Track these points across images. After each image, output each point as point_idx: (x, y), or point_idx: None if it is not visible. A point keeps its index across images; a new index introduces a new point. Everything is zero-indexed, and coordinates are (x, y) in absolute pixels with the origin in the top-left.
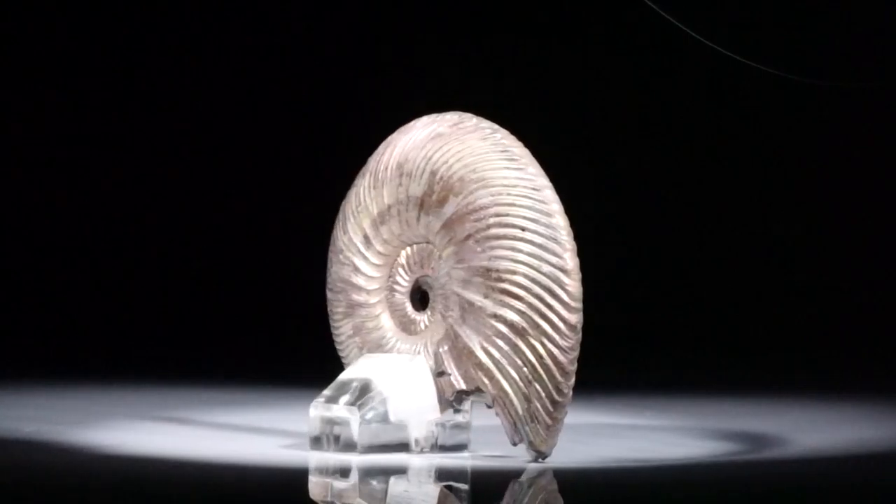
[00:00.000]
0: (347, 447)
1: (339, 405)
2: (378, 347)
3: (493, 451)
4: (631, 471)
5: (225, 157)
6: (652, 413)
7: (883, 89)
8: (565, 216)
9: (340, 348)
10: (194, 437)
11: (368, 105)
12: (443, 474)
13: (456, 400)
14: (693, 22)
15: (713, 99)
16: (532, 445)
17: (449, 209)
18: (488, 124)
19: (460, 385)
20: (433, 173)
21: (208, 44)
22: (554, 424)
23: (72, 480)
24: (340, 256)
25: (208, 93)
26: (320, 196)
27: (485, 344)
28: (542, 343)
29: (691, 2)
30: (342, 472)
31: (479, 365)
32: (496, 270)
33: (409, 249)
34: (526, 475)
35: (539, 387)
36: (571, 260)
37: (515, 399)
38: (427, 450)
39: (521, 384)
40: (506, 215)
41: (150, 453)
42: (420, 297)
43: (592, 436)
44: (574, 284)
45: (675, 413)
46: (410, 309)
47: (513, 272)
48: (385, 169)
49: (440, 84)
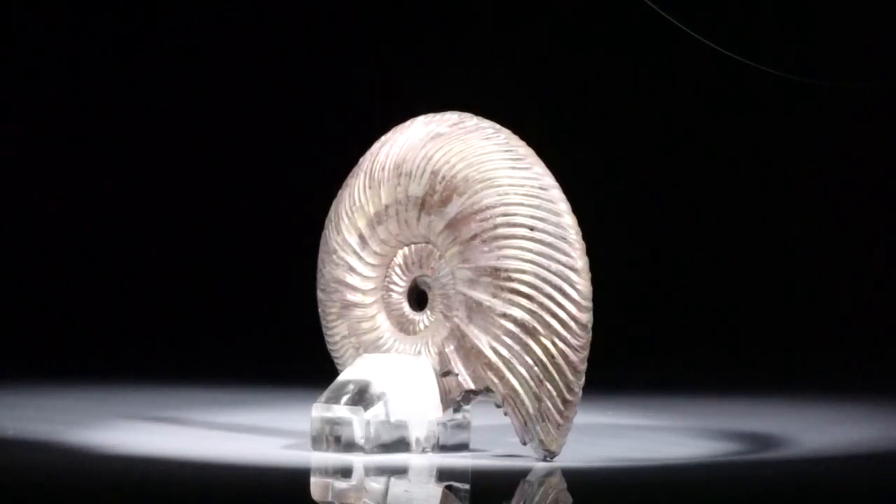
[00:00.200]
0: (349, 447)
1: (341, 405)
2: (375, 348)
3: (494, 451)
4: (633, 470)
5: (224, 158)
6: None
7: (883, 89)
8: (573, 215)
9: (334, 349)
10: (194, 437)
11: (363, 105)
12: (444, 474)
13: (464, 399)
14: (693, 22)
15: (713, 99)
16: (542, 444)
17: (453, 209)
18: (489, 124)
19: (468, 385)
20: (434, 173)
21: (203, 42)
22: (564, 423)
23: (72, 480)
24: (334, 257)
25: (207, 93)
26: (321, 195)
27: (494, 343)
28: (554, 342)
29: (691, 2)
30: (343, 473)
31: (489, 364)
32: (505, 270)
33: (407, 249)
34: (533, 474)
35: (550, 386)
36: (581, 259)
37: (526, 398)
38: (429, 449)
39: (532, 383)
40: (514, 215)
41: (150, 453)
42: (417, 297)
43: (594, 436)
44: (584, 283)
45: (676, 413)
46: (408, 309)
47: (522, 272)
48: (382, 169)
49: (434, 84)
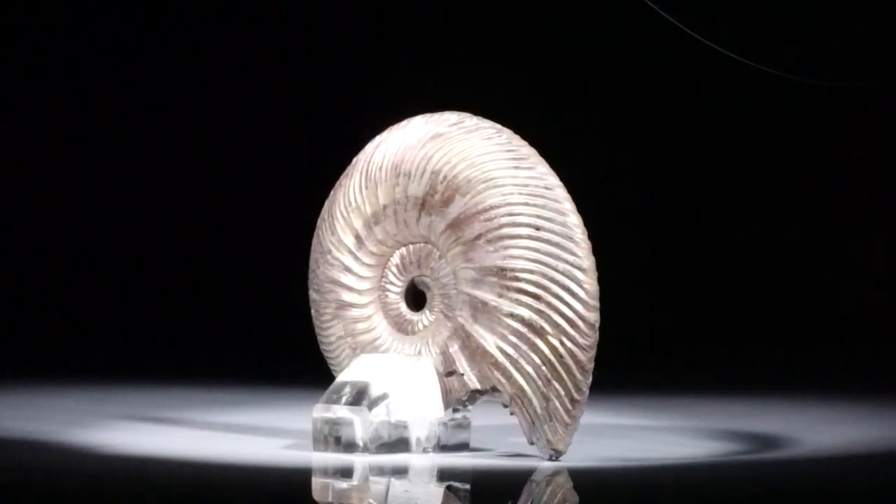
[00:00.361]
0: (350, 447)
1: (341, 405)
2: (373, 348)
3: (495, 451)
4: (634, 470)
5: (224, 158)
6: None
7: (883, 89)
8: (578, 215)
9: (329, 349)
10: (194, 438)
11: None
12: (445, 474)
13: (469, 399)
14: (693, 22)
15: (713, 99)
16: (550, 444)
17: (455, 209)
18: (490, 124)
19: (474, 384)
20: (435, 173)
21: (202, 42)
22: (572, 423)
23: (72, 480)
24: (328, 257)
25: (207, 93)
26: (321, 194)
27: (500, 343)
28: (562, 341)
29: (691, 2)
30: (344, 473)
31: (496, 364)
32: (511, 270)
33: (405, 249)
34: (539, 474)
35: (559, 385)
36: (588, 258)
37: (534, 398)
38: (429, 449)
39: (540, 383)
40: (519, 214)
41: (150, 453)
42: (413, 297)
43: (596, 435)
44: (591, 282)
45: (677, 413)
46: (405, 309)
47: (530, 271)
48: (379, 169)
49: (431, 84)
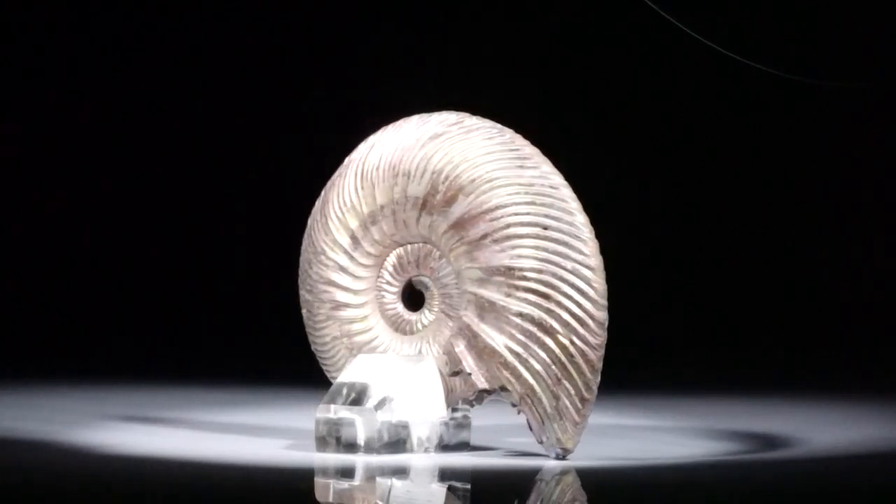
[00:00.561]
0: (351, 448)
1: (343, 406)
2: (370, 348)
3: (495, 451)
4: (635, 470)
5: (224, 158)
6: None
7: (883, 89)
8: (584, 214)
9: (323, 350)
10: (194, 438)
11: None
12: (447, 474)
13: (477, 399)
14: (693, 22)
15: (713, 99)
16: (560, 443)
17: (458, 209)
18: (491, 123)
19: (482, 384)
20: (436, 173)
21: (202, 42)
22: (581, 421)
23: (72, 480)
24: (322, 257)
25: (206, 93)
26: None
27: (509, 343)
28: (572, 340)
29: (691, 2)
30: (346, 473)
31: (505, 364)
32: (520, 269)
33: (402, 249)
34: (545, 473)
35: (569, 384)
36: (595, 257)
37: (544, 397)
38: (431, 449)
39: (550, 382)
40: (526, 214)
41: (150, 453)
42: (409, 297)
43: (597, 435)
44: (600, 281)
45: (677, 413)
46: (402, 309)
47: (538, 271)
48: (375, 169)
49: (426, 84)
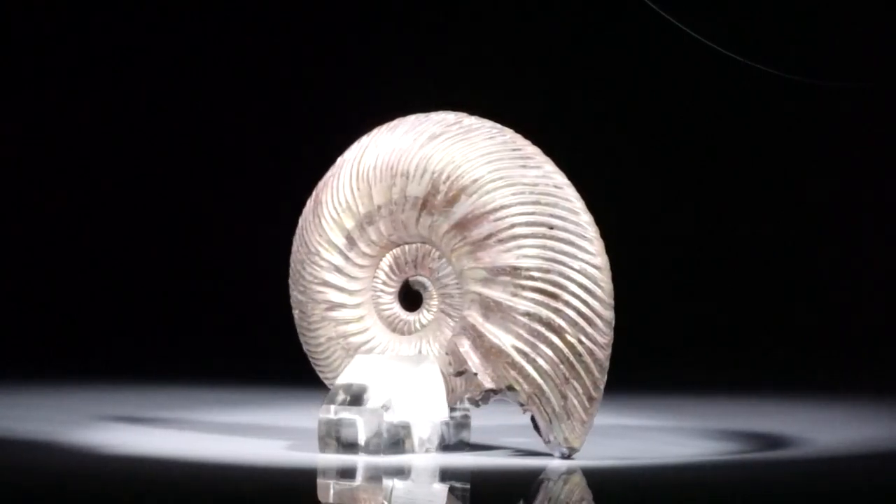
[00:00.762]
0: (353, 448)
1: (344, 406)
2: (367, 349)
3: (495, 450)
4: (637, 470)
5: (224, 157)
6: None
7: (883, 89)
8: (589, 213)
9: (317, 351)
10: (194, 438)
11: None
12: (449, 474)
13: (483, 399)
14: (693, 22)
15: (713, 99)
16: (567, 442)
17: (461, 209)
18: (491, 123)
19: (489, 384)
20: (436, 173)
21: (201, 41)
22: (589, 421)
23: (72, 480)
24: (316, 258)
25: (206, 93)
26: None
27: (516, 343)
28: (580, 340)
29: (691, 2)
30: (347, 474)
31: (512, 364)
32: (526, 269)
33: (399, 250)
34: (551, 473)
35: (577, 383)
36: (602, 256)
37: (553, 397)
38: (432, 449)
39: (559, 381)
40: (531, 214)
41: (150, 453)
42: (405, 297)
43: (599, 435)
44: (607, 281)
45: (678, 413)
46: (399, 309)
47: (545, 270)
48: (372, 169)
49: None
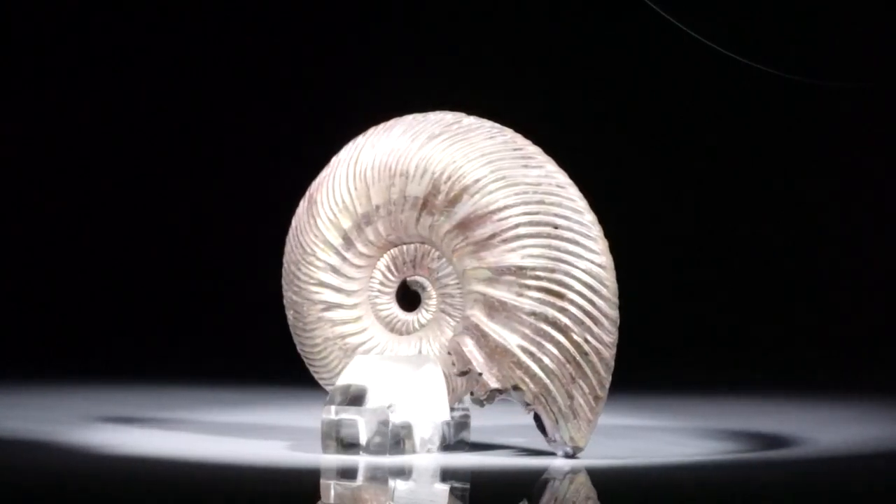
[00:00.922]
0: (355, 449)
1: (346, 407)
2: (365, 349)
3: (498, 450)
4: (638, 470)
5: (225, 157)
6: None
7: (883, 89)
8: (592, 213)
9: (313, 352)
10: (195, 438)
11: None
12: (451, 474)
13: (488, 399)
14: (693, 22)
15: (713, 99)
16: (573, 441)
17: (463, 209)
18: (490, 123)
19: (494, 384)
20: (437, 173)
21: (201, 41)
22: (594, 420)
23: (72, 480)
24: (312, 258)
25: (207, 92)
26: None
27: (522, 342)
28: (587, 340)
29: (691, 2)
30: (349, 474)
31: (518, 363)
32: (532, 269)
33: (396, 250)
34: (555, 472)
35: (583, 383)
36: (606, 256)
37: (559, 396)
38: (434, 449)
39: (565, 381)
40: (535, 213)
41: (151, 453)
42: (402, 297)
43: (602, 435)
44: (612, 280)
45: (679, 413)
46: (398, 309)
47: (551, 270)
48: (370, 169)
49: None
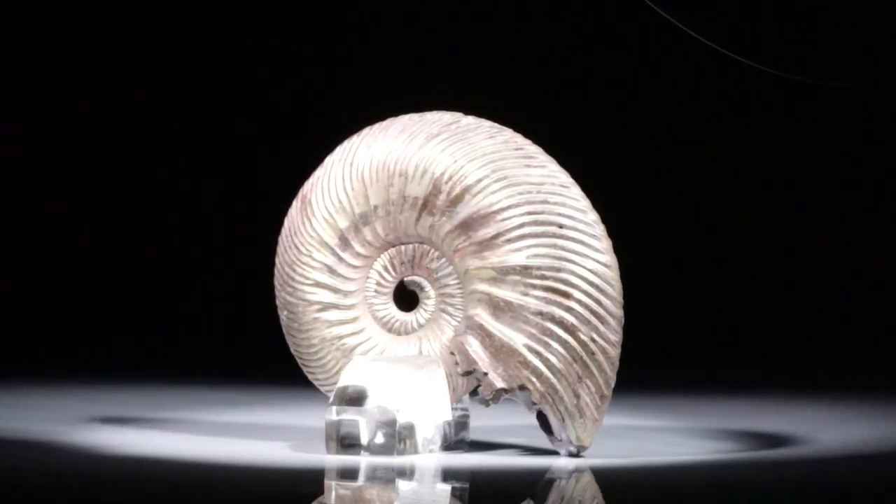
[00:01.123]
0: (357, 449)
1: (348, 407)
2: (363, 350)
3: (497, 449)
4: (644, 470)
5: (225, 157)
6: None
7: (883, 89)
8: (595, 212)
9: (308, 352)
10: (195, 438)
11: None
12: (454, 474)
13: (494, 398)
14: (693, 22)
15: (713, 99)
16: (579, 440)
17: (465, 209)
18: (489, 123)
19: (500, 384)
20: (438, 173)
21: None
22: (600, 418)
23: (71, 480)
24: (307, 259)
25: (207, 92)
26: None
27: (529, 342)
28: (593, 339)
29: (691, 2)
30: (351, 475)
31: (525, 363)
32: (538, 268)
33: (394, 250)
34: (559, 472)
35: (589, 382)
36: (611, 255)
37: (566, 396)
38: (436, 449)
39: (572, 380)
40: (540, 213)
41: (151, 453)
42: (398, 297)
43: (601, 435)
44: (616, 279)
45: (677, 413)
46: (395, 309)
47: (557, 269)
48: (368, 169)
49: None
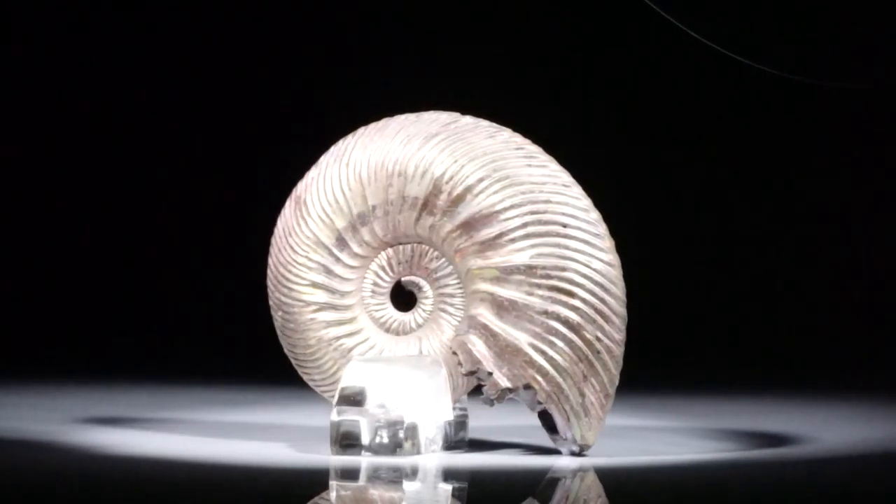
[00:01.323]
0: (358, 449)
1: (349, 407)
2: (362, 350)
3: (498, 449)
4: (638, 470)
5: (225, 156)
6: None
7: (883, 89)
8: (597, 211)
9: (304, 353)
10: (196, 438)
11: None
12: (455, 474)
13: (498, 398)
14: (693, 22)
15: (713, 99)
16: (583, 439)
17: (467, 209)
18: (488, 122)
19: (505, 383)
20: (438, 173)
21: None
22: (604, 417)
23: (71, 480)
24: (303, 259)
25: (207, 91)
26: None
27: (534, 341)
28: (598, 338)
29: (691, 2)
30: (352, 475)
31: (531, 363)
32: (542, 268)
33: (392, 250)
34: (562, 471)
35: (595, 381)
36: (614, 254)
37: (571, 395)
38: (438, 449)
39: (577, 379)
40: (544, 213)
41: (151, 453)
42: (394, 297)
43: (601, 435)
44: (620, 278)
45: (677, 413)
46: (393, 309)
47: (562, 269)
48: (365, 169)
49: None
